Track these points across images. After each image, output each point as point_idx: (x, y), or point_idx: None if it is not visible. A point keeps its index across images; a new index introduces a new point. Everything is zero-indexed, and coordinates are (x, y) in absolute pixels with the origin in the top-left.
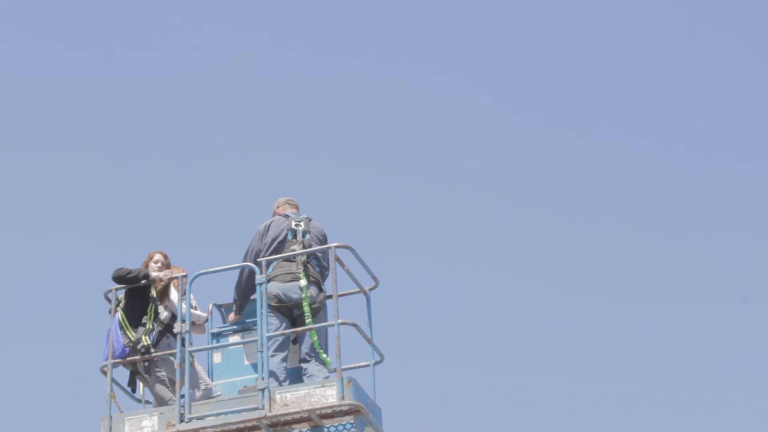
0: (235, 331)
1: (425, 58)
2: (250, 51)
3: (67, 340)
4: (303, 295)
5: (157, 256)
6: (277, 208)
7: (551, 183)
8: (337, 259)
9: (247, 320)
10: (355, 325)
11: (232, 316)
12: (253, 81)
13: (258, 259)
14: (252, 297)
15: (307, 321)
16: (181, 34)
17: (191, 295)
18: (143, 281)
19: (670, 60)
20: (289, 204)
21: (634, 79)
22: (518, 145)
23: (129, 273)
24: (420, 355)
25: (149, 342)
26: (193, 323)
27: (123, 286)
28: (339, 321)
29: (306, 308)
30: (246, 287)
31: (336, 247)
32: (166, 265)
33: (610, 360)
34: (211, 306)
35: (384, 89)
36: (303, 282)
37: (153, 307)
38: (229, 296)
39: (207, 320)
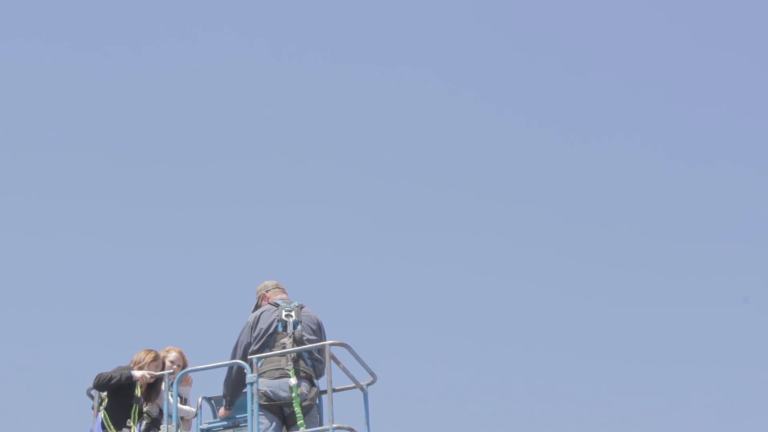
0: (225, 427)
1: (427, 61)
2: (250, 52)
3: (68, 340)
4: (293, 394)
5: (173, 355)
6: (267, 292)
7: (551, 186)
8: (332, 357)
9: (237, 416)
10: (351, 430)
11: (222, 411)
12: (253, 82)
13: (249, 357)
14: (243, 390)
15: (298, 422)
16: (180, 35)
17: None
18: (127, 382)
19: (672, 63)
20: (278, 289)
21: (636, 83)
22: (519, 147)
23: (111, 379)
24: None
25: None
26: (181, 418)
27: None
28: (334, 426)
29: (297, 408)
30: (236, 382)
31: (331, 344)
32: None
33: (609, 362)
34: (200, 399)
35: (384, 91)
36: (293, 381)
37: (137, 407)
38: (220, 387)
39: (196, 415)
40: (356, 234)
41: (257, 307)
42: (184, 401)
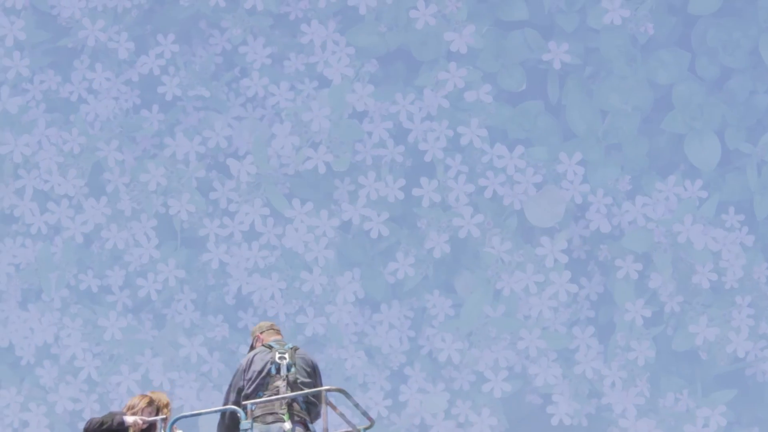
0: None
1: None
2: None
3: None
4: None
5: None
6: (261, 333)
7: None
8: (329, 404)
9: None
10: None
11: None
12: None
13: (243, 402)
14: None
15: None
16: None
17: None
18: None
19: None
20: (272, 330)
21: None
22: None
23: (102, 425)
24: None
25: None
26: None
27: None
28: None
29: None
30: (229, 427)
31: (327, 390)
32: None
33: None
34: None
35: None
36: (287, 426)
37: None
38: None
39: None
40: None
41: (252, 348)
42: None
